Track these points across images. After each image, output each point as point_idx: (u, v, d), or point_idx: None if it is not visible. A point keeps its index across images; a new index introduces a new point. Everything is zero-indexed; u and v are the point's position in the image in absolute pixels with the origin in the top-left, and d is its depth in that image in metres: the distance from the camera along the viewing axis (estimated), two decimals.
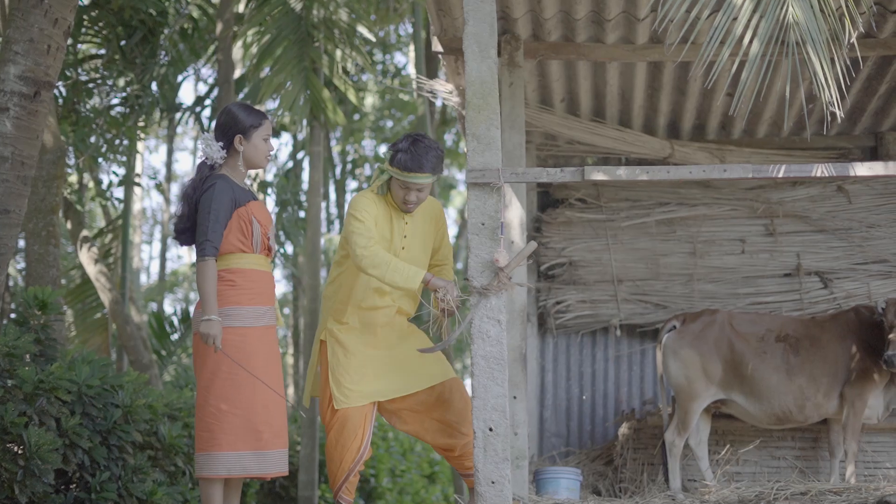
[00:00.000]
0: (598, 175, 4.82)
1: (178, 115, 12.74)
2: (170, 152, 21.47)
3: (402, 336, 5.24)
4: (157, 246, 29.37)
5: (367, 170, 18.57)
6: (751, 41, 4.53)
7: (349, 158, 20.21)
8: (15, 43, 5.32)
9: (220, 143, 4.97)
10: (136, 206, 21.58)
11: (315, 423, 10.42)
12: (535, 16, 6.24)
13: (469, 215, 4.86)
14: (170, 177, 21.29)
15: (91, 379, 6.90)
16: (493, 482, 4.71)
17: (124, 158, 11.11)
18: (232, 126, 4.96)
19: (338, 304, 5.23)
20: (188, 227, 5.00)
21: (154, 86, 11.64)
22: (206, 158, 5.01)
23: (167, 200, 21.07)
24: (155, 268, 31.02)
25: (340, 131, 17.21)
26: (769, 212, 7.71)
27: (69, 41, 11.45)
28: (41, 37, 5.32)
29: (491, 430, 4.74)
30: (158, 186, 16.44)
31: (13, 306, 10.46)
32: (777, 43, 4.49)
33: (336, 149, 18.34)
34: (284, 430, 4.94)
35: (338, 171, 18.65)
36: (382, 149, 19.16)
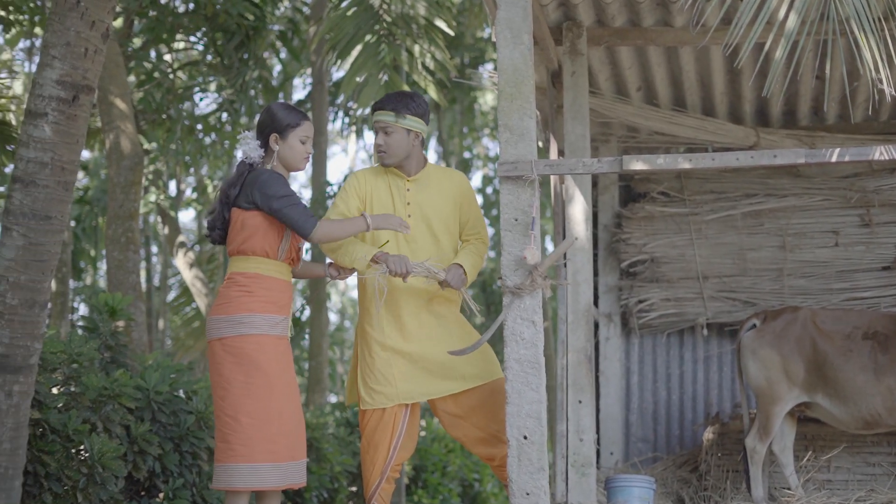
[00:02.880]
0: (638, 164, 4.51)
1: None
2: None
3: (434, 331, 4.97)
4: None
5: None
6: (837, 18, 4.18)
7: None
8: (52, 47, 5.25)
9: (258, 142, 4.85)
10: None
11: None
12: (597, 0, 5.94)
13: (501, 210, 4.61)
14: None
15: (160, 385, 6.87)
16: (527, 493, 4.45)
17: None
18: (269, 124, 4.83)
19: (364, 298, 5.04)
20: (218, 226, 4.90)
21: (252, 91, 11.67)
22: (245, 157, 4.89)
23: None
24: None
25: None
26: (865, 201, 7.21)
27: (163, 48, 11.62)
28: (78, 40, 5.24)
29: (525, 438, 4.48)
30: None
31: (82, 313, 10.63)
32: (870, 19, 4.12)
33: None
34: (302, 441, 4.76)
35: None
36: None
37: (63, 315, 11.74)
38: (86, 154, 18.99)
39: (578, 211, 5.89)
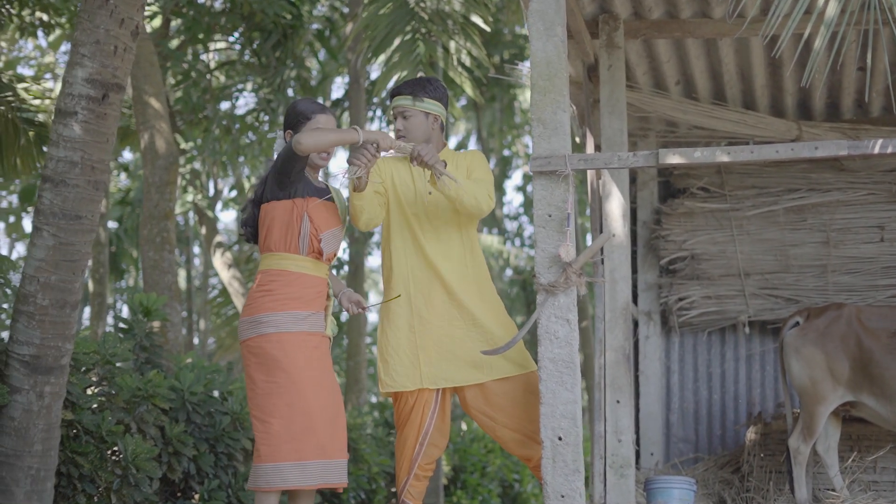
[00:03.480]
0: (674, 158, 4.39)
1: None
2: None
3: (466, 317, 4.88)
4: None
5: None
6: (879, 7, 4.04)
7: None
8: (81, 46, 5.21)
9: (284, 140, 4.81)
10: None
11: None
12: None
13: (535, 206, 4.51)
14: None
15: (195, 386, 6.83)
16: (562, 496, 4.34)
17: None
18: (287, 120, 4.80)
19: (391, 276, 4.96)
20: (250, 223, 4.86)
21: (291, 91, 11.63)
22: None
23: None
24: None
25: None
26: None
27: (199, 48, 11.61)
28: (107, 38, 5.20)
29: (560, 439, 4.38)
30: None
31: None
32: None
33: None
34: (337, 440, 4.65)
35: None
36: None
37: (101, 316, 11.78)
38: (127, 155, 19.07)
39: (616, 207, 5.78)
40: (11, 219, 18.41)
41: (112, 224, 19.26)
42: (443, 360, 4.84)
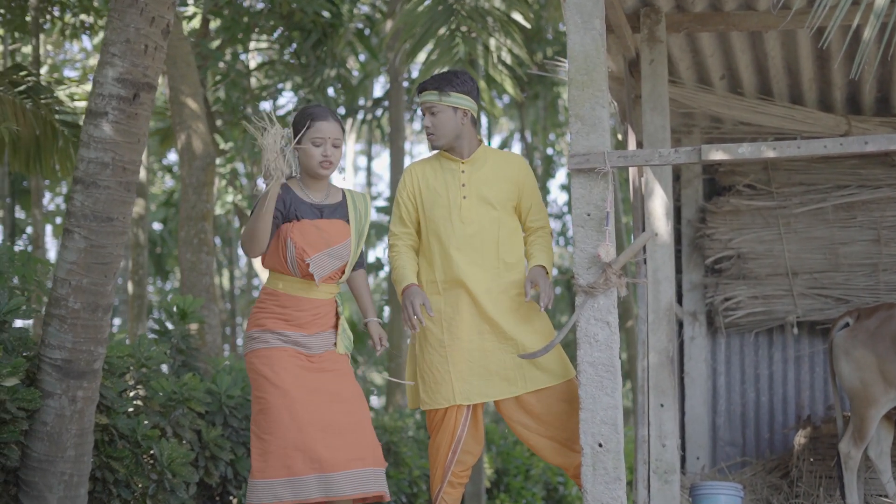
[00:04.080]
0: (718, 154, 4.24)
1: (355, 118, 12.61)
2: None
3: (500, 328, 4.72)
4: None
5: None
6: None
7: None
8: (112, 45, 5.13)
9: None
10: None
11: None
12: None
13: (573, 205, 4.36)
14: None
15: (232, 389, 6.75)
16: None
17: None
18: (294, 122, 4.64)
19: (422, 285, 4.83)
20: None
21: (331, 90, 11.55)
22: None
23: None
24: None
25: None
26: None
27: (238, 49, 11.55)
28: (138, 37, 5.11)
29: (601, 445, 4.24)
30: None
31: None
32: None
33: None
34: (345, 451, 4.51)
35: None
36: None
37: (141, 318, 11.75)
38: (172, 157, 19.11)
39: (658, 205, 5.62)
40: (59, 220, 18.51)
41: (157, 226, 19.32)
42: (475, 376, 4.71)
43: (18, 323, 5.48)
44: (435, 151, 4.95)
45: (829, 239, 6.99)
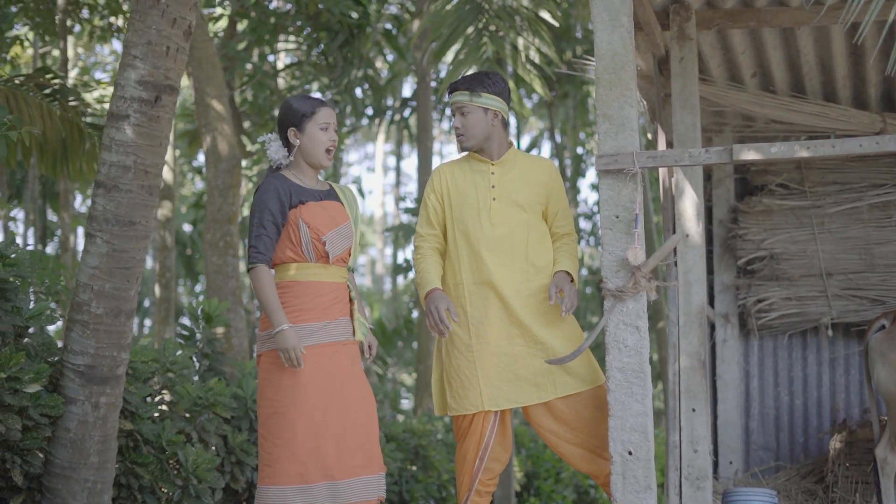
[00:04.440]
0: (749, 154, 4.13)
1: (380, 118, 12.54)
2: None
3: (528, 331, 4.62)
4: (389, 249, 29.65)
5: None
6: None
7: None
8: (133, 47, 5.07)
9: (280, 142, 4.58)
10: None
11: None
12: None
13: (601, 207, 4.26)
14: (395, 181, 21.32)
15: (257, 394, 6.69)
16: None
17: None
18: (285, 119, 4.55)
19: (449, 294, 4.74)
20: None
21: (359, 91, 11.50)
22: (271, 161, 4.63)
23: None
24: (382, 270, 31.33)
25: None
26: None
27: (265, 50, 11.51)
28: (159, 38, 5.06)
29: (630, 453, 4.13)
30: (360, 192, 16.23)
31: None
32: None
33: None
34: (357, 457, 4.41)
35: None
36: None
37: (168, 321, 11.72)
38: (202, 158, 19.12)
39: (689, 206, 5.51)
40: None
41: (187, 227, 19.33)
42: (503, 381, 4.61)
43: (51, 328, 5.45)
44: (464, 153, 4.87)
45: (865, 239, 6.84)
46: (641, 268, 4.11)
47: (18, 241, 16.70)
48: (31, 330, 5.25)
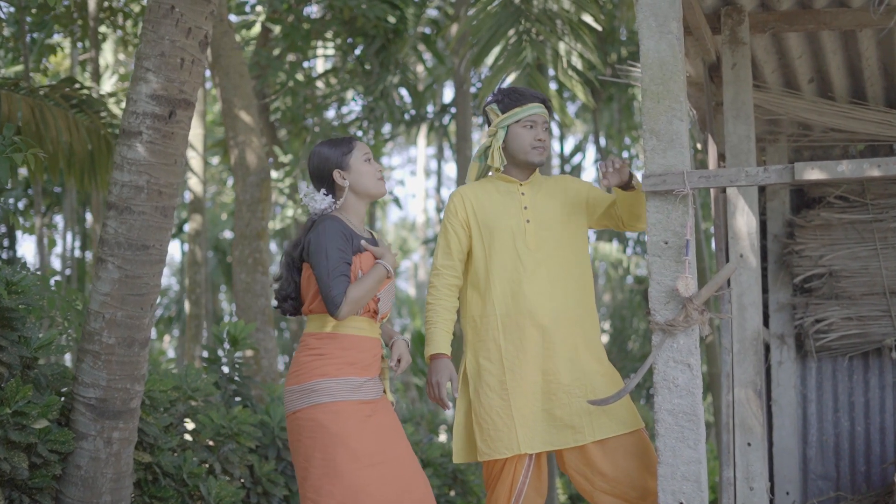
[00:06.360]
0: (813, 173, 3.73)
1: (418, 125, 12.21)
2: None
3: (566, 368, 4.24)
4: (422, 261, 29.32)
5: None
6: None
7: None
8: (146, 59, 4.75)
9: (323, 191, 4.22)
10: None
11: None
12: None
13: (648, 231, 3.88)
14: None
15: (285, 420, 6.37)
16: None
17: None
18: (325, 165, 4.19)
19: (479, 328, 4.36)
20: (290, 295, 4.24)
21: (397, 97, 11.18)
22: (313, 212, 4.26)
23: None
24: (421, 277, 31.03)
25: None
26: None
27: (297, 57, 11.22)
28: (173, 50, 4.73)
29: None
30: (396, 201, 15.89)
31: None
32: None
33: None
34: None
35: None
36: None
37: (198, 338, 11.43)
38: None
39: (743, 223, 5.14)
40: None
41: (228, 234, 19.09)
42: (539, 421, 4.22)
43: (67, 358, 5.15)
44: (476, 168, 4.53)
45: None
46: (693, 299, 3.72)
47: (58, 248, 16.55)
48: (40, 361, 4.95)
